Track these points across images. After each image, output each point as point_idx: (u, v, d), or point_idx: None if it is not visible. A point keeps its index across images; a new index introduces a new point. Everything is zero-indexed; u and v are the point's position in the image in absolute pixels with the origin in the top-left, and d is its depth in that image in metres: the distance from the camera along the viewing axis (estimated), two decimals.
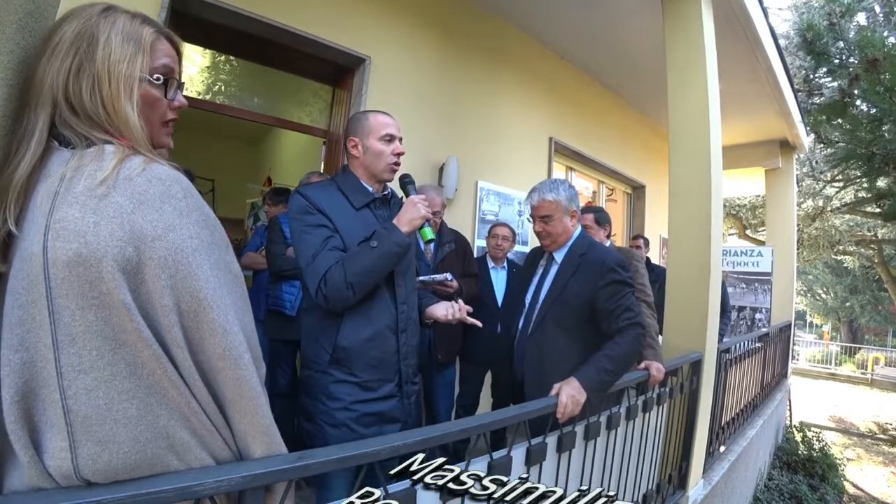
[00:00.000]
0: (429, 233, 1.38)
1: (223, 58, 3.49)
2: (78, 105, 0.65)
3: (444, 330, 2.39)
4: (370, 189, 1.40)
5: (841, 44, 3.24)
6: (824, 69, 3.43)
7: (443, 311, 1.42)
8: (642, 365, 1.79)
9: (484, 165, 3.57)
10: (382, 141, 1.37)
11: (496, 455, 1.07)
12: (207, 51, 3.34)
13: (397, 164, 1.40)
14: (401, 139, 1.41)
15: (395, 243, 1.26)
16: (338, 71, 3.03)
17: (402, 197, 1.51)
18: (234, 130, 6.02)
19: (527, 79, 3.95)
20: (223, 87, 3.59)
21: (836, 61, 3.33)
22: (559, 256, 1.72)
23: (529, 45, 3.95)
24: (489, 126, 3.63)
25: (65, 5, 0.77)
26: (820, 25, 3.30)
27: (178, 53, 0.78)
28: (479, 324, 1.47)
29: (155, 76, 0.71)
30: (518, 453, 1.15)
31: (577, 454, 1.40)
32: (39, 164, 0.63)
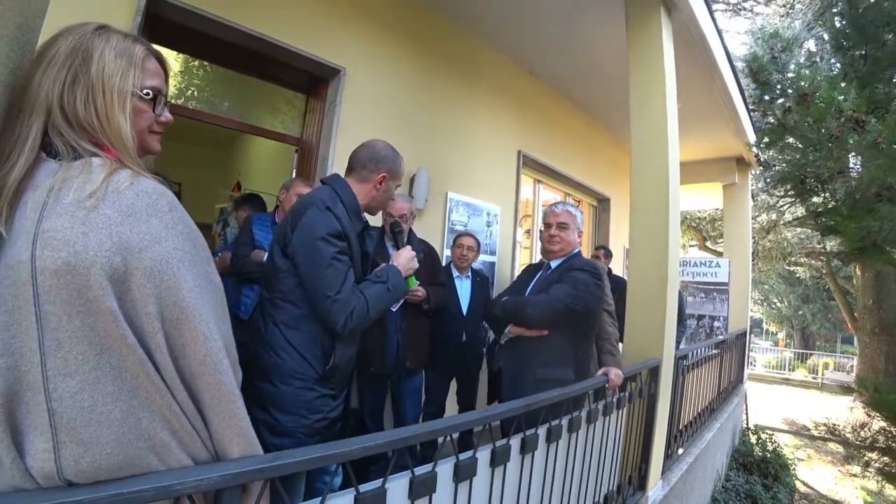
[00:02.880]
0: (412, 282, 1.50)
1: (196, 63, 3.46)
2: (72, 114, 0.69)
3: (413, 336, 2.45)
4: (363, 217, 1.49)
5: (780, 75, 3.53)
6: (767, 97, 3.72)
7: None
8: (601, 371, 1.89)
9: (454, 177, 3.65)
10: (396, 188, 1.52)
11: (462, 456, 1.12)
12: (181, 55, 3.30)
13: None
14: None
15: (403, 291, 1.43)
16: (312, 80, 3.06)
17: (372, 229, 1.60)
18: (202, 134, 5.91)
19: (497, 93, 4.07)
20: (195, 93, 3.55)
21: (778, 89, 3.62)
22: (553, 264, 1.95)
23: (500, 61, 4.08)
24: (459, 138, 3.73)
25: (50, 28, 0.80)
26: (764, 58, 3.58)
27: (166, 72, 0.83)
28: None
29: (144, 91, 0.75)
30: (483, 455, 1.21)
31: (539, 456, 1.47)
32: (28, 172, 0.66)
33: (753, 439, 5.69)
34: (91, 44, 0.70)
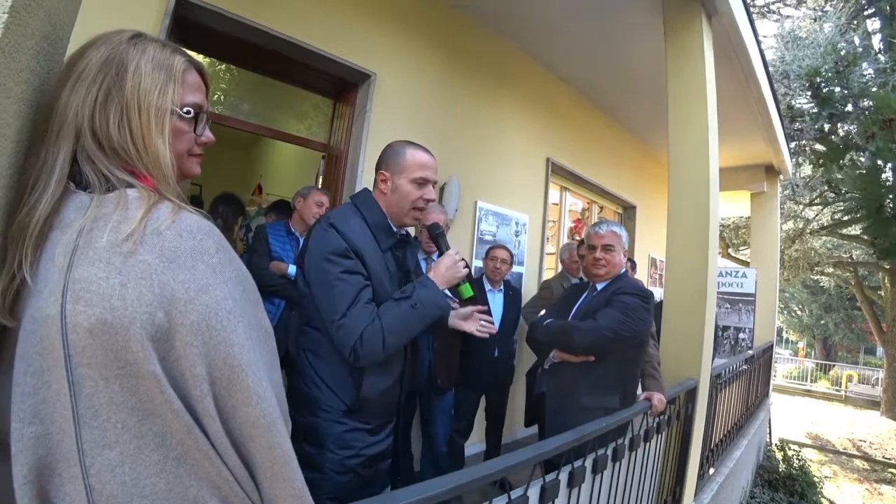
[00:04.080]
0: (467, 290, 1.27)
1: (223, 66, 3.45)
2: (104, 138, 0.60)
3: (444, 355, 2.38)
4: (394, 229, 1.30)
5: (845, 91, 3.39)
6: (827, 113, 3.57)
7: (473, 326, 1.37)
8: (644, 395, 1.82)
9: (483, 186, 3.59)
10: (414, 183, 1.26)
11: (514, 495, 1.06)
12: (207, 58, 3.30)
13: (423, 211, 1.29)
14: (435, 183, 1.30)
15: (438, 306, 1.18)
16: (341, 85, 3.02)
17: (417, 238, 1.48)
18: (224, 135, 5.90)
19: (526, 98, 4.00)
20: (222, 97, 3.55)
21: (839, 106, 3.48)
22: (600, 286, 1.87)
23: (529, 65, 4.01)
24: (489, 146, 3.66)
25: (78, 33, 0.73)
26: (827, 72, 3.44)
27: (207, 85, 0.74)
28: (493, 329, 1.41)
29: (185, 109, 0.67)
30: (533, 492, 1.15)
31: (584, 488, 1.40)
32: (55, 207, 0.58)
33: (779, 455, 5.52)
34: (126, 55, 0.62)
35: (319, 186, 2.98)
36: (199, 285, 0.55)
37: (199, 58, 3.35)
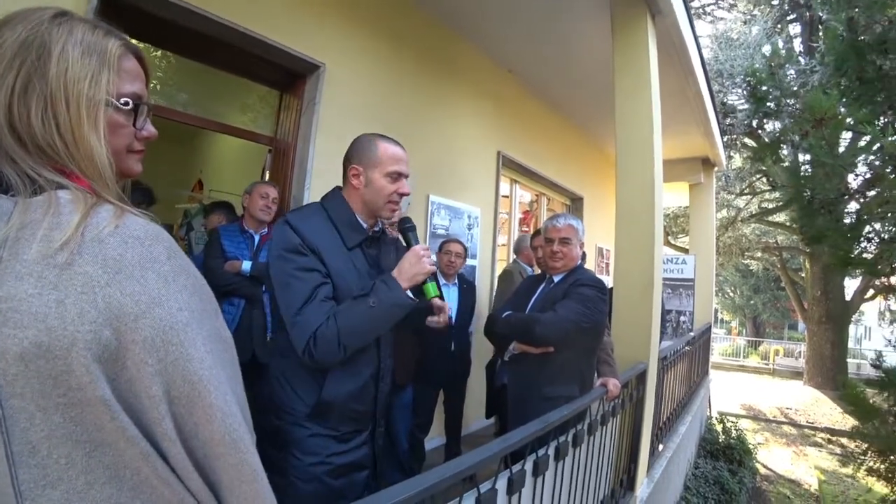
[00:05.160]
0: (433, 289, 1.23)
1: (159, 53, 3.20)
2: (26, 133, 0.52)
3: (401, 351, 2.35)
4: (364, 225, 1.27)
5: (778, 91, 3.68)
6: (762, 111, 3.87)
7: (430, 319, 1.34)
8: (600, 382, 1.88)
9: (435, 179, 3.57)
10: (389, 177, 1.24)
11: (483, 489, 1.06)
12: (141, 44, 3.05)
13: (398, 204, 1.27)
14: (408, 176, 1.29)
15: (396, 304, 1.13)
16: (288, 76, 2.89)
17: (396, 236, 1.41)
18: (160, 128, 5.52)
19: (477, 93, 4.01)
20: (157, 86, 3.30)
21: (773, 105, 3.77)
22: (556, 278, 1.90)
23: (481, 60, 4.02)
24: (441, 139, 3.65)
25: None
26: (763, 73, 3.71)
27: (147, 73, 0.66)
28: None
29: (122, 100, 0.59)
30: (501, 484, 1.16)
31: (549, 475, 1.43)
32: None
33: (719, 427, 5.95)
34: (48, 36, 0.53)
35: (268, 180, 2.86)
36: (150, 297, 0.49)
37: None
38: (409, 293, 1.18)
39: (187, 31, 2.34)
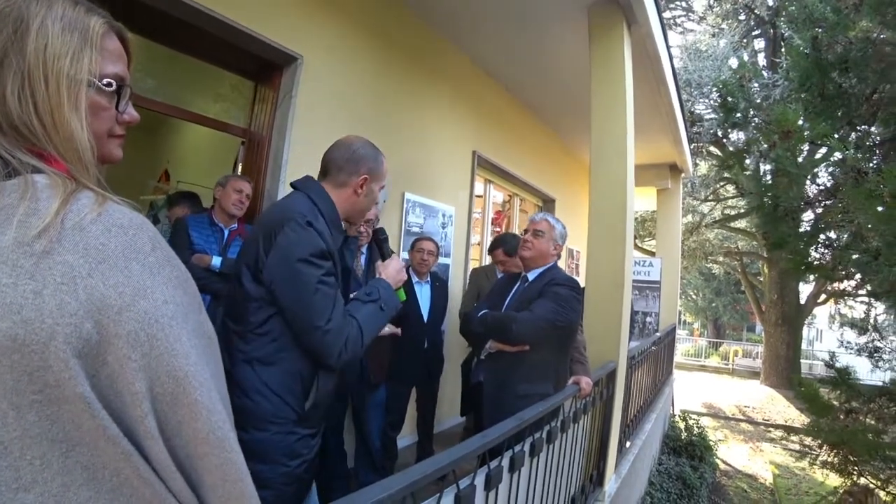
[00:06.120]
0: (402, 294, 1.36)
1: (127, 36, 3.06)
2: (0, 113, 0.49)
3: (375, 350, 2.34)
4: (343, 227, 1.32)
5: (747, 102, 3.86)
6: (731, 121, 4.04)
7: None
8: (573, 380, 1.92)
9: (410, 177, 3.56)
10: (380, 189, 1.33)
11: (462, 485, 1.07)
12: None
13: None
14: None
15: (395, 307, 1.26)
16: (263, 66, 2.81)
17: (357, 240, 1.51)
18: None
19: (455, 93, 4.01)
20: None
21: (741, 116, 3.96)
22: (531, 276, 1.91)
23: (459, 60, 4.03)
24: (418, 138, 3.63)
25: None
26: (733, 85, 3.88)
27: (129, 54, 0.62)
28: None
29: (105, 81, 0.56)
30: (479, 480, 1.17)
31: (524, 471, 1.45)
32: None
33: (681, 425, 6.17)
34: (26, 10, 0.50)
35: (239, 174, 2.78)
36: (134, 289, 0.47)
37: None
38: None
39: (155, 13, 2.23)
